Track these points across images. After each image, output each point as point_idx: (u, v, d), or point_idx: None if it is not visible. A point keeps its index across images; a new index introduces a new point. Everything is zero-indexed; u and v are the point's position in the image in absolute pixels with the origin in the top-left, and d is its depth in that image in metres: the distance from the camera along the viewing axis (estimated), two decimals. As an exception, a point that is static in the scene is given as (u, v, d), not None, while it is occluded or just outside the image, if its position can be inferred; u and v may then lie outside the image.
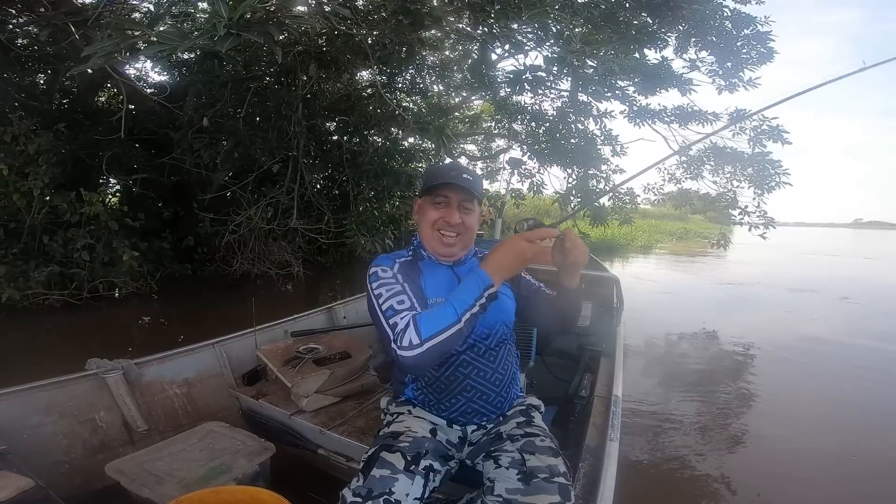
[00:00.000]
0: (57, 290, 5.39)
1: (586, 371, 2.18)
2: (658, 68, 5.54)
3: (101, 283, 5.72)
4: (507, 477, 1.13)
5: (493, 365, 1.37)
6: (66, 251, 5.53)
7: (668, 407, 3.46)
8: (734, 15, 6.20)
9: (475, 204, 1.42)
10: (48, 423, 1.69)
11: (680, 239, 22.61)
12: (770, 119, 6.27)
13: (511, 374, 1.42)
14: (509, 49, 4.98)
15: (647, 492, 2.36)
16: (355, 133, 7.72)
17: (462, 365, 1.35)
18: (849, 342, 5.48)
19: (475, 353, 1.36)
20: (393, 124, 7.66)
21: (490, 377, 1.37)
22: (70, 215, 5.46)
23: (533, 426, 1.31)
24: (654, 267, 12.40)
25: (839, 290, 9.02)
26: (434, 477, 1.22)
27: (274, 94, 6.91)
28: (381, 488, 1.08)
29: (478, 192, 1.40)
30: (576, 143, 7.11)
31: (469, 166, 12.55)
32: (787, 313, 7.03)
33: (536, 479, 1.09)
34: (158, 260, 6.65)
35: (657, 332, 5.57)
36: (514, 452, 1.18)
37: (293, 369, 2.02)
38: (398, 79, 8.13)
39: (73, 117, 6.42)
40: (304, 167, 7.01)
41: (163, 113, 6.66)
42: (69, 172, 5.90)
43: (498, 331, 1.39)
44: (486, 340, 1.37)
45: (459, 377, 1.36)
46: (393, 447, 1.19)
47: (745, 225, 6.81)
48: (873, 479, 2.60)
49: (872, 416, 3.46)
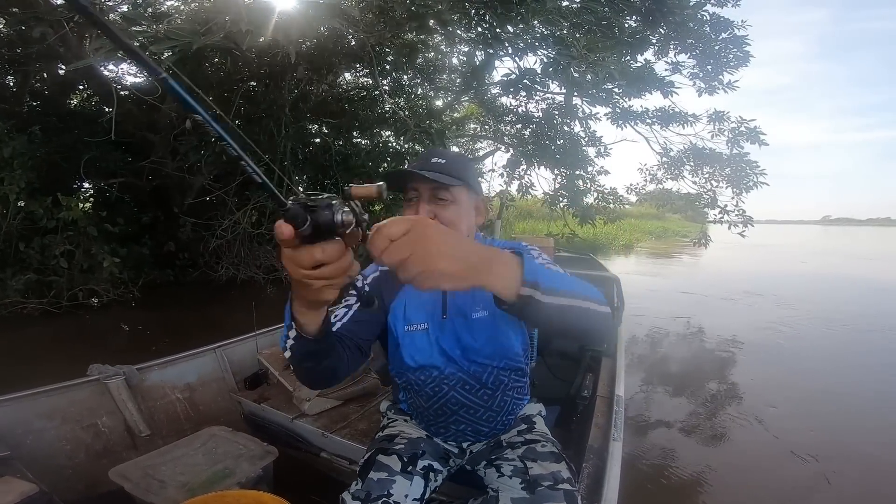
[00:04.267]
0: (35, 298, 5.23)
1: (588, 371, 2.19)
2: (642, 71, 5.66)
3: (80, 290, 5.57)
4: (510, 486, 1.09)
5: (485, 404, 1.24)
6: (44, 258, 5.37)
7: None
8: (713, 19, 6.37)
9: (454, 192, 1.14)
10: (51, 429, 1.68)
11: (659, 238, 23.06)
12: (748, 121, 6.46)
13: (509, 407, 1.27)
14: (511, 53, 5.01)
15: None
16: (347, 136, 7.67)
17: (451, 402, 1.23)
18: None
19: (466, 391, 1.22)
20: (385, 127, 7.62)
21: (482, 416, 1.25)
22: (46, 221, 5.31)
23: (534, 432, 1.26)
24: (634, 265, 12.62)
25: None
26: (435, 477, 1.22)
27: (263, 97, 6.82)
28: (380, 491, 1.07)
29: (453, 178, 1.13)
30: (561, 144, 7.19)
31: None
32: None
33: (541, 487, 1.05)
34: (139, 266, 6.50)
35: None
36: (516, 460, 1.14)
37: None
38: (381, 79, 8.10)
39: (46, 120, 6.24)
40: (292, 170, 6.93)
41: (140, 115, 6.51)
42: (44, 176, 5.73)
43: (492, 368, 1.22)
44: (478, 379, 1.22)
45: (448, 412, 1.25)
46: (389, 450, 1.18)
47: (724, 223, 7.01)
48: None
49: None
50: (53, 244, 5.36)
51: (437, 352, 1.21)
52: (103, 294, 5.77)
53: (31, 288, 5.24)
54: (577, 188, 7.30)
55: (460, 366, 1.21)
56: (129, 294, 5.99)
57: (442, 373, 1.22)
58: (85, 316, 5.40)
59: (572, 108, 7.19)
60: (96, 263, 5.57)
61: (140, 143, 6.88)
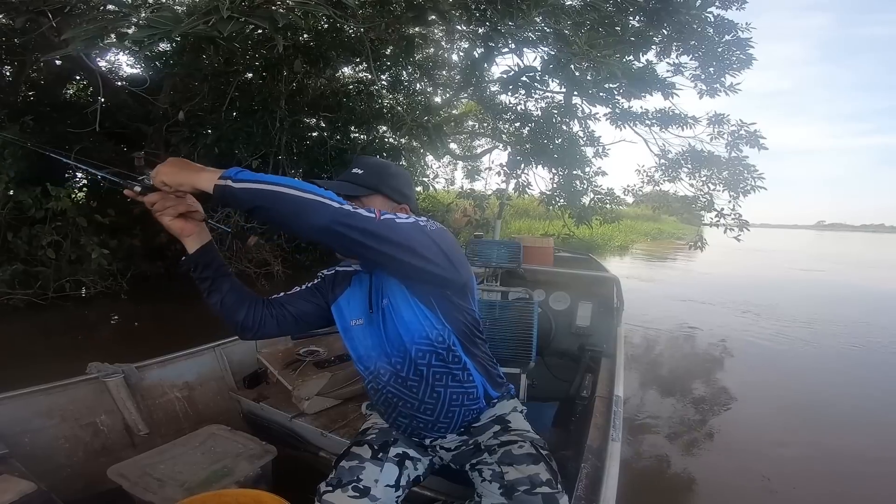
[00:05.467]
0: (21, 289, 5.13)
1: (587, 371, 2.20)
2: (643, 72, 5.65)
3: (67, 281, 5.48)
4: (490, 491, 1.10)
5: (415, 395, 1.23)
6: (31, 248, 5.29)
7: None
8: (717, 21, 6.35)
9: (364, 200, 1.20)
10: (49, 427, 1.67)
11: (654, 239, 23.16)
12: (748, 124, 6.47)
13: (448, 399, 1.24)
14: (511, 48, 4.95)
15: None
16: (341, 130, 7.63)
17: (389, 395, 1.26)
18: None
19: (398, 384, 1.24)
20: (381, 122, 7.59)
21: (418, 408, 1.25)
22: (35, 211, 5.22)
23: (511, 432, 1.24)
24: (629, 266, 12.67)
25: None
26: (413, 465, 1.26)
27: (258, 89, 6.77)
28: (350, 477, 1.13)
29: (360, 188, 1.22)
30: (560, 143, 7.17)
31: (451, 165, 12.35)
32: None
33: (517, 492, 1.05)
34: (129, 258, 6.42)
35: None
36: (494, 465, 1.14)
37: (294, 372, 2.02)
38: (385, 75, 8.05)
39: (40, 110, 6.16)
40: (286, 163, 6.89)
41: (135, 106, 6.45)
42: (35, 166, 5.59)
43: (408, 356, 1.22)
44: (400, 369, 1.23)
45: (390, 406, 1.28)
46: (361, 441, 1.26)
47: (720, 227, 7.03)
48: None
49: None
50: (41, 234, 5.26)
51: (371, 345, 1.27)
52: (91, 286, 5.68)
53: (18, 279, 5.15)
54: (574, 188, 7.31)
55: (389, 359, 1.24)
56: (118, 286, 5.89)
57: (375, 366, 1.27)
58: (71, 308, 5.32)
59: (572, 107, 7.17)
60: (85, 254, 5.47)
61: (134, 135, 6.82)
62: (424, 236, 1.07)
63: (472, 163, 11.73)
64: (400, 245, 1.01)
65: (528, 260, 3.30)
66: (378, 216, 0.99)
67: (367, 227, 0.96)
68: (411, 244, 1.03)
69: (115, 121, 6.71)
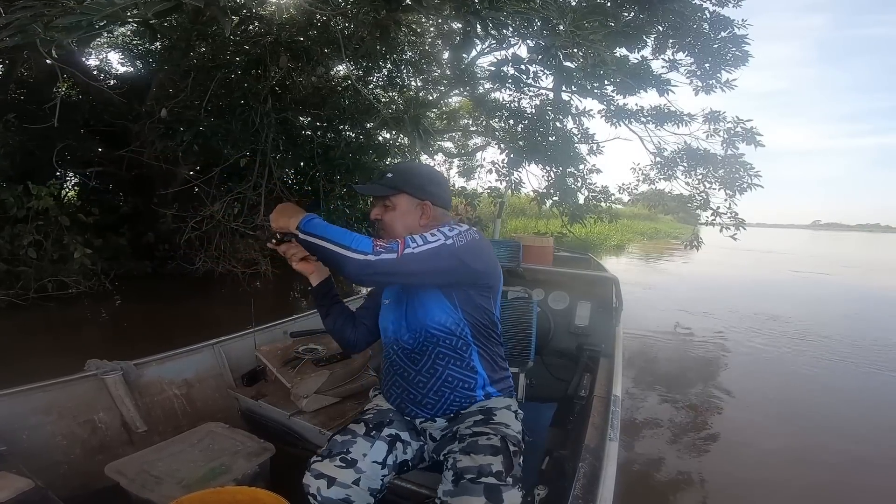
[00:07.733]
0: (2, 289, 5.06)
1: (585, 371, 2.20)
2: (638, 68, 5.63)
3: (49, 281, 5.38)
4: (446, 479, 1.13)
5: (415, 367, 1.35)
6: (13, 248, 5.20)
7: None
8: (713, 17, 6.32)
9: (393, 200, 1.40)
10: (47, 424, 1.66)
11: (650, 239, 23.18)
12: (745, 121, 6.48)
13: (443, 378, 1.34)
14: (495, 38, 4.86)
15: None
16: (329, 128, 7.50)
17: (393, 364, 1.41)
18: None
19: (401, 354, 1.38)
20: (367, 118, 7.48)
21: (412, 379, 1.35)
22: (17, 210, 5.14)
23: (490, 424, 1.26)
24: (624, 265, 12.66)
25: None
26: (403, 448, 1.32)
27: (240, 85, 6.64)
28: (340, 449, 1.22)
29: (388, 189, 1.40)
30: (553, 141, 7.12)
31: (445, 163, 12.23)
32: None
33: (463, 480, 1.08)
34: (115, 257, 6.36)
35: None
36: (457, 453, 1.17)
37: (292, 370, 2.01)
38: (374, 73, 7.95)
39: (27, 109, 6.02)
40: (274, 161, 6.76)
41: (121, 104, 6.33)
42: (18, 165, 5.56)
43: (421, 335, 1.34)
44: (409, 343, 1.36)
45: (390, 373, 1.42)
46: (359, 420, 1.35)
47: (716, 226, 7.03)
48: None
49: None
50: (23, 234, 5.18)
51: (391, 319, 1.42)
52: (73, 286, 5.57)
53: (0, 279, 5.09)
54: (568, 186, 7.29)
55: (403, 333, 1.38)
56: (101, 286, 5.80)
57: (390, 338, 1.42)
58: (53, 308, 5.22)
59: (561, 98, 7.12)
60: (68, 254, 5.39)
61: (121, 133, 6.73)
62: (446, 258, 1.21)
63: (467, 160, 11.71)
64: (423, 273, 1.21)
65: (527, 259, 3.30)
66: (400, 252, 1.15)
67: (389, 270, 1.15)
68: (433, 269, 1.21)
69: (101, 119, 6.63)
